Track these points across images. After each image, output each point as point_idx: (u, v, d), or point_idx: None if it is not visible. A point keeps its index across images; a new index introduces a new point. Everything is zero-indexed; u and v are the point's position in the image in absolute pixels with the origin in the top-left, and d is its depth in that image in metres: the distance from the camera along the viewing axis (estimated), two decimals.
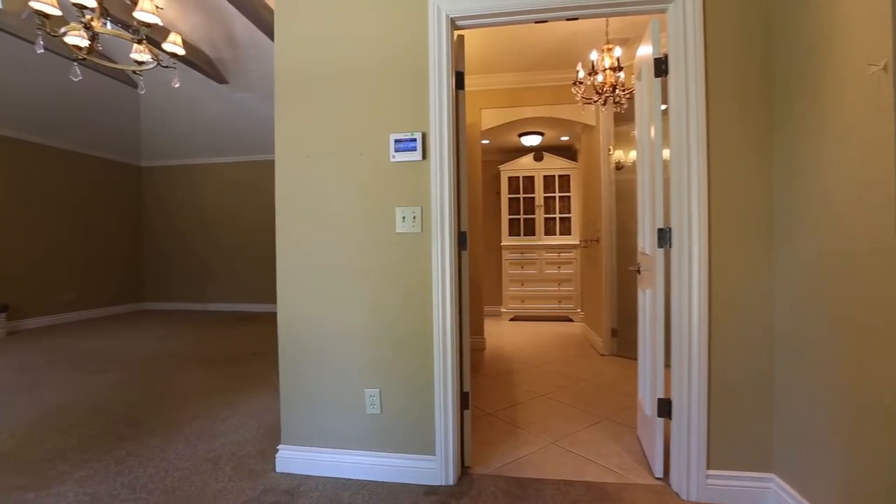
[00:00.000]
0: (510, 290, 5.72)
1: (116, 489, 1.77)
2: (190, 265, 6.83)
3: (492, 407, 2.65)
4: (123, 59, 4.96)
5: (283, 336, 1.94)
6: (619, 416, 2.47)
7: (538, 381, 3.15)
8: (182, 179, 6.87)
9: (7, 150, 5.16)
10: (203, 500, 1.69)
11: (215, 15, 4.50)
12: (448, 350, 1.79)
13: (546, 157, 5.75)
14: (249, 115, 5.82)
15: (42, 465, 1.96)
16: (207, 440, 2.20)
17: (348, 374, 1.87)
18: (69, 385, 3.09)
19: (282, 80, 1.92)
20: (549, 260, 5.66)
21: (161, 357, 3.88)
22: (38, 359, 3.85)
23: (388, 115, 1.83)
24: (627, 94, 2.94)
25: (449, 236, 1.78)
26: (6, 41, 4.24)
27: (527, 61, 3.80)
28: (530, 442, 2.18)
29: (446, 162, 1.78)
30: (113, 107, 5.70)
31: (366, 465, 1.84)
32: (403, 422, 1.84)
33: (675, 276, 1.71)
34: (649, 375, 1.96)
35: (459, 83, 1.94)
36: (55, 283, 5.66)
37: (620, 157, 3.89)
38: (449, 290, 1.78)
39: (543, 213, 5.78)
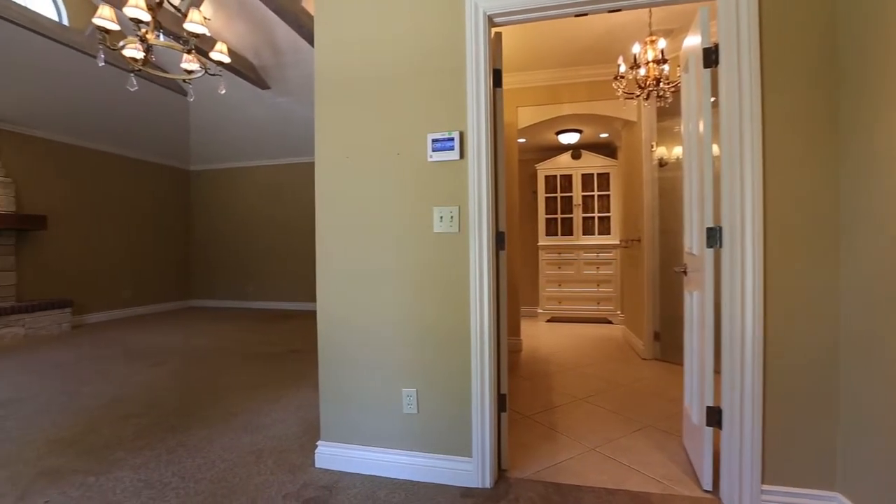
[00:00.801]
0: (547, 291, 5.62)
1: (167, 477, 1.85)
2: (233, 264, 7.13)
3: (529, 409, 2.61)
4: (174, 68, 5.23)
5: (323, 335, 1.97)
6: (663, 424, 2.37)
7: (577, 384, 3.07)
8: (226, 182, 7.18)
9: (73, 157, 5.57)
10: (247, 492, 1.74)
11: (258, 23, 4.67)
12: (485, 351, 1.77)
13: (584, 155, 5.61)
14: (290, 119, 6.01)
15: (102, 451, 2.09)
16: (251, 433, 2.28)
17: (385, 374, 1.88)
18: (125, 377, 3.28)
19: (321, 83, 1.96)
20: (587, 260, 5.51)
21: (207, 352, 4.06)
22: (99, 352, 4.12)
23: (426, 114, 1.83)
24: (672, 87, 2.81)
25: (487, 236, 1.76)
26: (71, 56, 4.56)
27: (564, 57, 3.71)
28: (569, 447, 2.12)
29: (484, 161, 1.76)
30: (165, 114, 6.03)
31: (402, 464, 1.85)
32: (440, 422, 1.83)
33: (727, 278, 1.62)
34: (697, 382, 1.86)
35: (497, 81, 1.91)
36: (114, 280, 6.05)
37: (663, 153, 3.73)
38: (486, 290, 1.76)
39: (582, 212, 5.63)
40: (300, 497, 1.71)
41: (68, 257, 5.50)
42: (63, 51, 4.47)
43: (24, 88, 4.65)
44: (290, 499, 1.70)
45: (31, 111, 4.91)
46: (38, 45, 4.30)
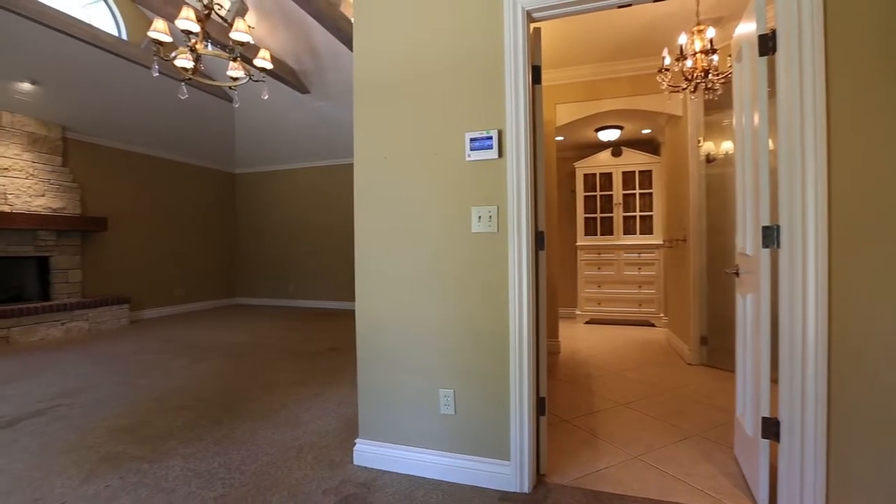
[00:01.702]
0: (586, 292, 5.48)
1: (215, 468, 1.93)
2: (275, 264, 7.38)
3: (568, 413, 2.54)
4: (221, 76, 5.47)
5: (361, 334, 2.00)
6: (712, 433, 2.25)
7: (618, 388, 2.97)
8: (269, 184, 7.44)
9: (130, 162, 5.94)
10: (288, 485, 1.79)
11: (298, 29, 4.81)
12: (524, 353, 1.73)
13: (625, 153, 5.43)
14: (329, 122, 6.15)
15: (155, 440, 2.20)
16: (292, 428, 2.34)
17: (423, 374, 1.88)
18: (177, 371, 3.45)
19: (360, 85, 1.99)
20: (628, 261, 5.33)
21: (251, 348, 4.22)
22: (153, 346, 4.36)
23: (464, 113, 1.81)
24: (722, 78, 2.67)
25: (526, 236, 1.72)
26: (129, 69, 4.86)
27: (604, 51, 3.60)
28: (610, 454, 2.05)
29: (523, 160, 1.73)
30: (212, 120, 6.32)
31: (439, 464, 1.84)
32: (477, 424, 1.81)
33: (785, 280, 1.51)
34: (751, 391, 1.75)
35: (536, 77, 1.87)
36: (166, 278, 6.40)
37: (711, 148, 3.55)
38: (526, 291, 1.73)
39: (622, 211, 5.45)
40: (339, 493, 1.74)
41: (126, 257, 5.87)
42: (122, 63, 4.77)
43: (88, 100, 5.00)
44: (330, 494, 1.73)
45: (94, 121, 5.27)
46: (100, 60, 4.61)
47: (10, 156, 4.64)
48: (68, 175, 5.16)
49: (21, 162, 4.73)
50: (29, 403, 2.73)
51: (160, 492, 1.75)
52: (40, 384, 3.11)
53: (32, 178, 4.82)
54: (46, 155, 4.95)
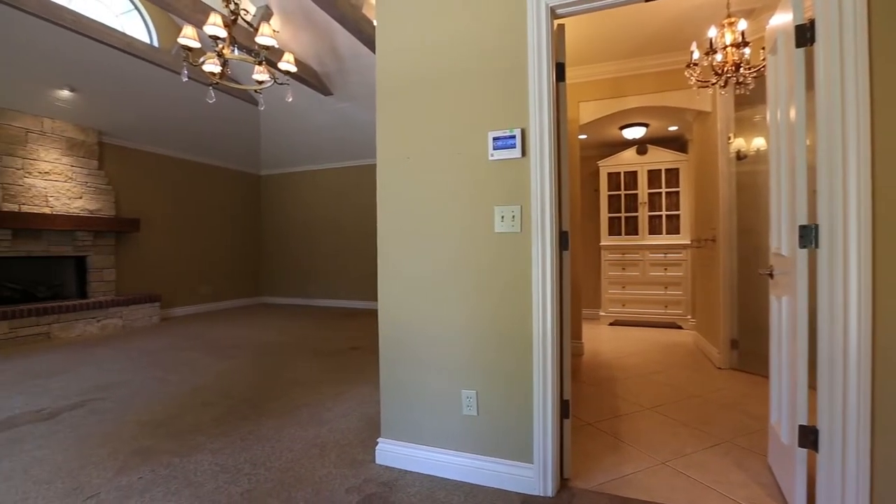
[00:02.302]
0: (610, 293, 5.38)
1: (240, 463, 1.97)
2: (298, 264, 7.51)
3: (592, 417, 2.50)
4: (246, 80, 5.60)
5: (384, 334, 2.00)
6: (744, 440, 2.17)
7: (643, 392, 2.90)
8: (293, 186, 7.58)
9: (160, 165, 6.14)
10: (312, 482, 1.81)
11: (321, 32, 4.87)
12: (548, 355, 1.71)
13: (650, 150, 5.30)
14: (351, 123, 6.22)
15: (185, 434, 2.27)
16: (315, 426, 2.37)
17: (446, 375, 1.88)
18: (205, 367, 3.55)
19: (382, 85, 1.99)
20: (653, 261, 5.21)
21: (276, 346, 4.30)
22: (183, 343, 4.50)
23: (487, 112, 1.80)
24: (754, 72, 2.57)
25: (550, 236, 1.69)
26: (160, 75, 5.02)
27: (629, 47, 3.52)
28: (636, 459, 2.00)
29: (547, 158, 1.70)
30: (238, 123, 6.47)
31: (461, 466, 1.83)
32: (500, 426, 1.79)
33: (825, 282, 1.44)
34: (787, 397, 1.68)
35: (560, 75, 1.84)
36: (195, 278, 6.59)
37: (742, 145, 3.44)
38: (549, 291, 1.70)
39: (647, 210, 5.33)
40: (361, 492, 1.75)
41: (157, 256, 6.07)
42: (153, 70, 4.93)
43: (122, 106, 5.19)
44: (353, 493, 1.74)
45: (127, 125, 5.47)
46: (133, 67, 4.78)
47: (50, 160, 4.86)
48: (103, 178, 5.36)
49: (60, 166, 4.95)
50: (68, 396, 2.84)
51: (189, 485, 1.79)
52: (78, 378, 3.24)
53: (71, 181, 5.04)
54: (83, 159, 5.16)
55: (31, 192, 4.70)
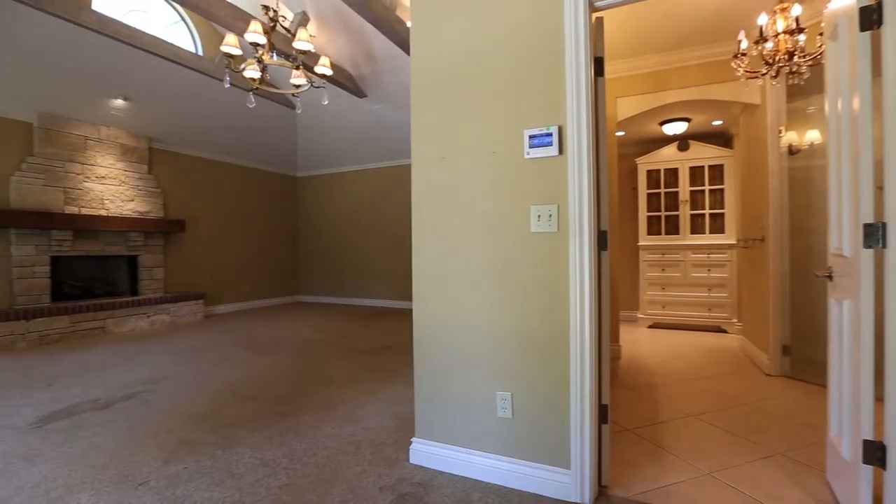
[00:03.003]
0: (648, 295, 5.20)
1: (279, 458, 2.02)
2: (333, 263, 7.67)
3: (631, 423, 2.41)
4: (284, 84, 5.76)
5: (418, 333, 2.00)
6: (798, 453, 2.04)
7: (685, 398, 2.78)
8: (329, 187, 7.75)
9: (204, 168, 6.42)
10: (347, 480, 1.83)
11: (355, 35, 4.95)
12: (586, 358, 1.66)
13: (693, 146, 5.08)
14: (384, 125, 6.29)
15: (226, 428, 2.35)
16: (350, 424, 2.40)
17: (480, 376, 1.86)
18: (245, 363, 3.67)
19: (417, 85, 1.99)
20: (696, 262, 4.99)
21: (312, 344, 4.40)
22: (225, 339, 4.68)
23: (522, 110, 1.76)
24: (809, 60, 2.41)
25: (588, 236, 1.64)
26: (204, 82, 5.24)
27: (671, 39, 3.39)
28: (679, 468, 1.91)
29: (585, 156, 1.65)
30: (276, 127, 6.68)
31: (496, 468, 1.81)
32: (536, 429, 1.76)
33: (893, 284, 1.32)
34: (849, 409, 1.56)
35: (599, 70, 1.79)
36: (236, 276, 6.85)
37: (794, 139, 3.23)
38: (588, 293, 1.65)
39: (689, 209, 5.11)
40: (396, 491, 1.75)
41: (201, 256, 6.35)
42: (198, 77, 5.16)
43: (170, 112, 5.46)
44: (387, 491, 1.75)
45: (174, 131, 5.75)
46: (180, 75, 5.02)
47: (106, 165, 5.17)
48: (153, 181, 5.66)
49: (115, 171, 5.26)
50: (121, 388, 3.01)
51: (231, 477, 1.85)
52: (130, 371, 3.43)
53: (124, 184, 5.35)
54: (135, 164, 5.47)
55: (90, 196, 5.01)
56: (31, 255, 4.55)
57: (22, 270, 4.49)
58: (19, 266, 4.47)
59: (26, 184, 4.52)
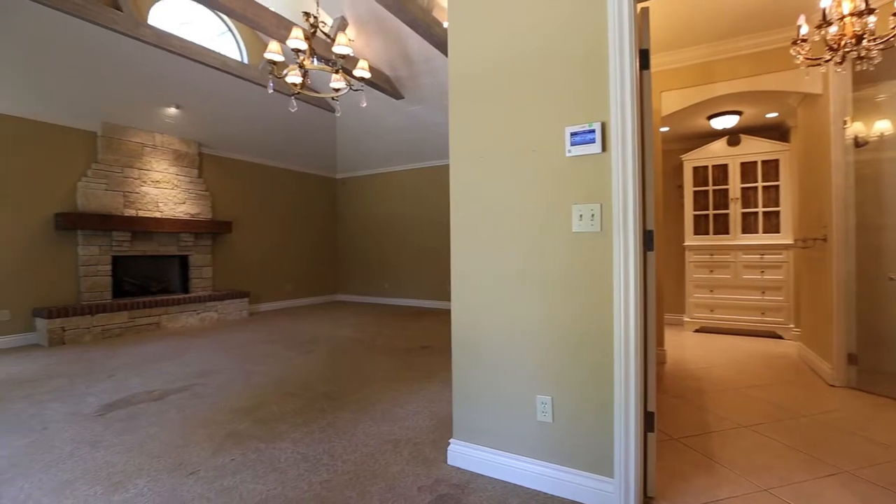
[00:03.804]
0: (695, 297, 4.96)
1: (319, 454, 2.06)
2: (372, 263, 7.80)
3: (677, 431, 2.30)
4: (324, 88, 5.91)
5: (456, 334, 1.99)
6: (869, 472, 1.87)
7: (737, 407, 2.62)
8: (367, 188, 7.89)
9: (248, 171, 6.69)
10: (386, 478, 1.84)
11: (392, 37, 5.01)
12: (631, 362, 1.59)
13: (744, 141, 4.80)
14: (421, 126, 6.34)
15: (269, 423, 2.42)
16: (389, 423, 2.42)
17: (520, 378, 1.82)
18: (287, 360, 3.79)
19: (455, 83, 1.98)
20: (748, 263, 4.71)
21: (351, 342, 4.49)
22: (268, 336, 4.85)
23: (563, 107, 1.72)
24: (881, 44, 2.21)
25: (633, 235, 1.58)
26: (249, 89, 5.46)
27: (720, 28, 3.21)
28: (731, 482, 1.80)
29: (630, 153, 1.58)
30: (316, 130, 6.87)
31: (535, 473, 1.77)
32: (577, 435, 1.70)
33: None
34: None
35: (644, 63, 1.71)
36: (278, 275, 7.10)
37: (861, 130, 2.99)
38: (633, 294, 1.58)
39: (740, 206, 4.83)
40: (434, 491, 1.75)
41: (245, 255, 6.62)
42: (244, 84, 5.38)
43: (218, 119, 5.73)
44: (425, 492, 1.74)
45: (221, 137, 6.03)
46: (228, 83, 5.25)
47: (160, 170, 5.48)
48: (202, 185, 5.96)
49: (168, 175, 5.57)
50: (174, 381, 3.18)
51: (274, 471, 1.91)
52: (182, 365, 3.62)
53: (176, 188, 5.65)
54: (186, 168, 5.77)
55: (146, 199, 5.33)
56: (95, 254, 4.89)
57: (87, 269, 4.83)
58: (85, 265, 4.82)
59: (91, 189, 4.86)
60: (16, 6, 3.64)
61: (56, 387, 3.05)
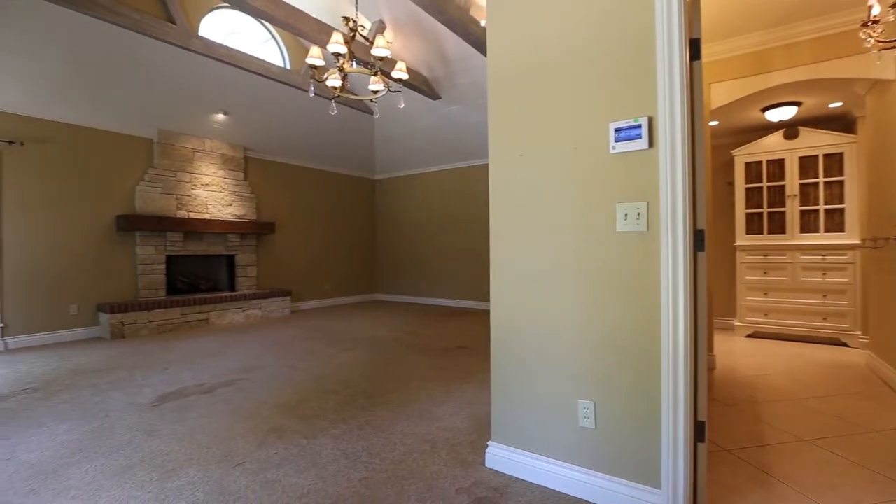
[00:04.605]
0: (747, 300, 4.68)
1: (358, 451, 2.09)
2: (409, 263, 7.87)
3: (729, 443, 2.17)
4: (362, 91, 6.02)
5: (496, 335, 1.96)
6: None
7: (796, 419, 2.45)
8: (404, 188, 7.97)
9: (290, 174, 6.91)
10: (424, 478, 1.84)
11: (429, 38, 5.02)
12: (680, 368, 1.51)
13: (802, 133, 4.49)
14: (458, 126, 6.33)
15: (311, 418, 2.48)
16: (426, 422, 2.42)
17: (560, 382, 1.78)
18: (327, 358, 3.88)
19: (494, 81, 1.96)
20: (807, 264, 4.40)
21: (389, 341, 4.54)
22: (309, 334, 4.99)
23: (607, 101, 1.65)
24: None
25: (683, 235, 1.50)
26: (291, 93, 5.64)
27: (776, 12, 3.01)
28: (791, 500, 1.68)
29: (679, 149, 1.50)
30: (355, 132, 7.00)
31: (576, 480, 1.71)
32: (622, 442, 1.64)
33: None
34: None
35: (695, 53, 1.62)
36: (318, 275, 7.29)
37: None
38: (682, 297, 1.50)
39: (798, 204, 4.52)
40: (472, 494, 1.73)
41: (287, 255, 6.85)
42: (287, 90, 5.56)
43: (262, 124, 5.95)
44: (463, 494, 1.73)
45: (265, 141, 6.26)
46: (271, 89, 5.44)
47: (209, 174, 5.76)
48: (248, 187, 6.21)
49: (216, 178, 5.84)
50: (221, 375, 3.32)
51: (315, 466, 1.95)
52: (228, 360, 3.78)
53: (224, 191, 5.92)
54: (233, 171, 6.03)
55: (196, 202, 5.62)
56: (151, 254, 5.20)
57: (144, 268, 5.15)
58: (142, 264, 5.13)
59: (147, 192, 5.17)
60: (86, 26, 3.92)
61: (117, 377, 3.26)
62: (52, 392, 2.95)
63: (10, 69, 4.02)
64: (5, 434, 2.29)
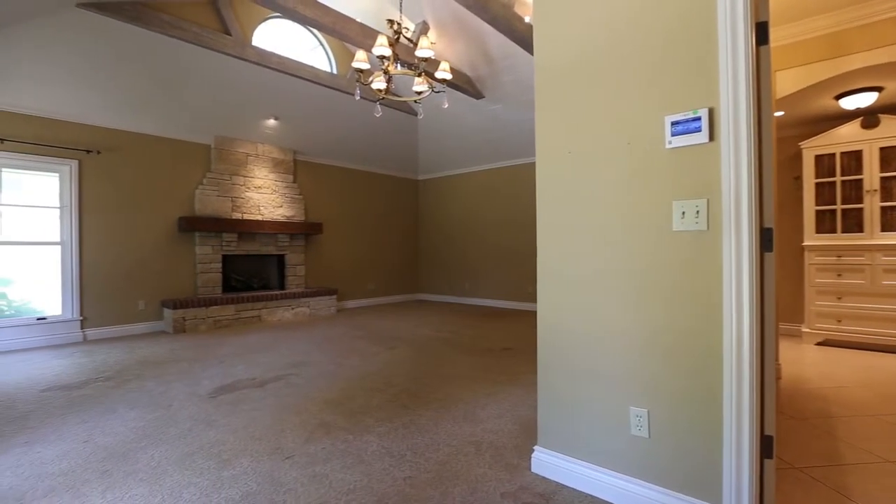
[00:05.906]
0: (817, 305, 4.32)
1: (403, 450, 2.10)
2: (453, 263, 7.89)
3: (799, 460, 2.00)
4: (406, 92, 6.08)
5: (543, 336, 1.91)
6: None
7: (878, 437, 2.22)
8: (448, 188, 8.00)
9: (336, 175, 7.12)
10: (468, 481, 1.82)
11: (473, 37, 5.00)
12: (744, 378, 1.40)
13: (883, 122, 4.08)
14: (502, 125, 6.27)
15: (356, 415, 2.53)
16: (470, 424, 2.40)
17: (611, 388, 1.70)
18: (371, 356, 3.94)
19: (541, 77, 1.91)
20: (889, 266, 3.99)
21: (432, 341, 4.56)
22: (354, 332, 5.10)
23: (662, 93, 1.57)
24: None
25: (748, 234, 1.39)
26: (338, 97, 5.79)
27: None
28: None
29: (744, 142, 1.40)
30: (399, 133, 7.09)
31: (627, 491, 1.64)
32: (678, 454, 1.54)
33: None
34: None
35: (762, 37, 1.50)
36: (363, 274, 7.45)
37: None
38: (746, 301, 1.40)
39: (879, 200, 4.11)
40: (517, 499, 1.69)
41: (333, 254, 7.05)
42: (333, 94, 5.72)
43: (311, 127, 6.16)
44: (508, 499, 1.70)
45: (313, 144, 6.48)
46: (319, 94, 5.62)
47: (261, 177, 6.03)
48: (297, 189, 6.44)
49: (268, 181, 6.10)
50: (272, 370, 3.46)
51: (360, 463, 1.98)
52: (278, 355, 3.93)
53: (275, 193, 6.18)
54: (283, 174, 6.28)
55: (249, 204, 5.90)
56: (208, 253, 5.51)
57: (202, 266, 5.46)
58: (201, 262, 5.45)
59: (206, 195, 5.49)
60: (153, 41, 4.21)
61: (179, 370, 3.48)
62: (122, 381, 3.18)
63: (91, 84, 4.38)
64: (85, 418, 2.50)
